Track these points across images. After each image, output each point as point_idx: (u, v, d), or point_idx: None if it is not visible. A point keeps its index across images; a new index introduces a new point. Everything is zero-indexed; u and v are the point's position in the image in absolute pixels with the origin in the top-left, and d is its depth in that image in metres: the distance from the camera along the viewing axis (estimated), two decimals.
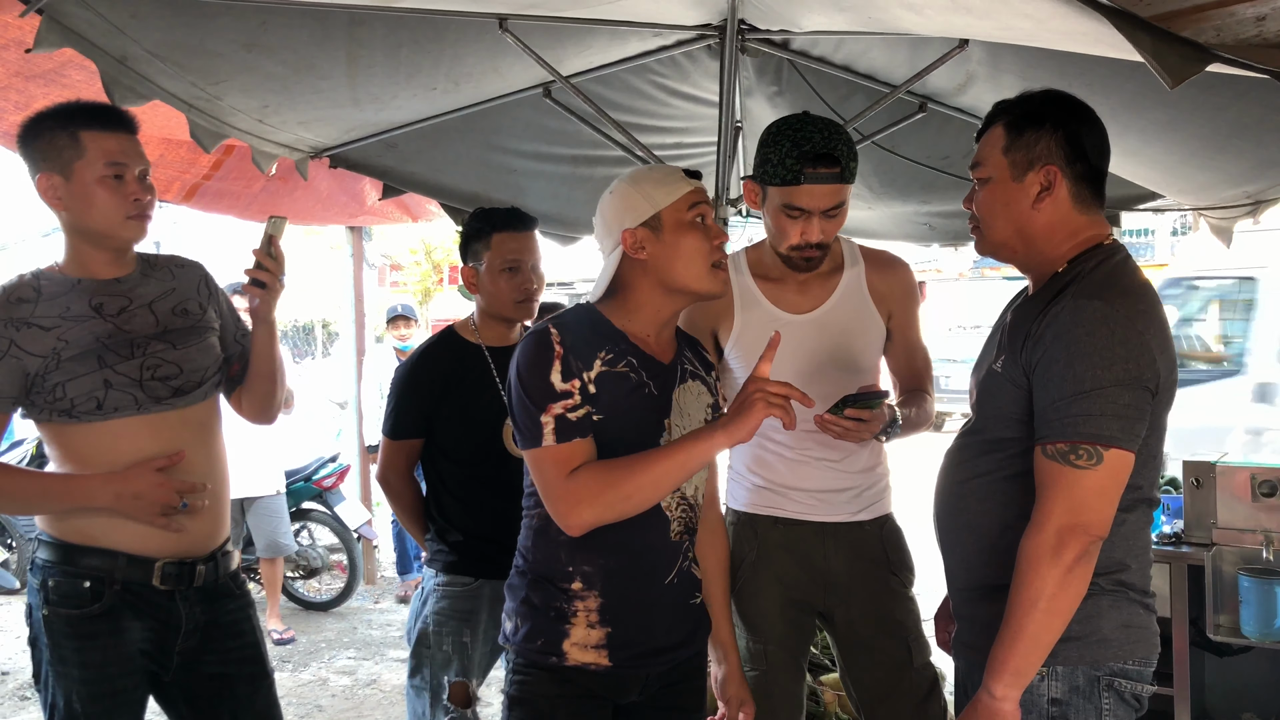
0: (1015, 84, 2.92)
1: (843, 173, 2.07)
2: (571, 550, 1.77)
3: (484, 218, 2.56)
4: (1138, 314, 1.62)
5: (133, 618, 1.99)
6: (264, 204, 4.31)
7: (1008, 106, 1.76)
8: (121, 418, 1.96)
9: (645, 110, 3.59)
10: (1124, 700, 1.69)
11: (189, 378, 2.05)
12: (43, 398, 1.94)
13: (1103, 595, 1.68)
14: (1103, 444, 1.56)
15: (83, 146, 1.94)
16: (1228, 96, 2.40)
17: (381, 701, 4.65)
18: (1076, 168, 1.69)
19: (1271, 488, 3.03)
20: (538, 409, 1.71)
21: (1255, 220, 3.43)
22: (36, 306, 1.95)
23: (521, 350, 1.78)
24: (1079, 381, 1.57)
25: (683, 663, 1.90)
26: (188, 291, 2.15)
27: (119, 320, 2.00)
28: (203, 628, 2.06)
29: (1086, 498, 1.57)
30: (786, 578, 2.25)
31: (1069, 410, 1.58)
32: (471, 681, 2.54)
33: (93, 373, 1.93)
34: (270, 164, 3.26)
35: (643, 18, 2.81)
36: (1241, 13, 1.58)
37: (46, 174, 1.96)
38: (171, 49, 2.44)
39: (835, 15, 2.56)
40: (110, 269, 2.05)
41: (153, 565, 1.99)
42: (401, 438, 2.56)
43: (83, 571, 1.96)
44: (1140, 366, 1.59)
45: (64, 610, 1.96)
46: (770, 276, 2.25)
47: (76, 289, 2.00)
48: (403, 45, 2.72)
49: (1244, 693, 3.40)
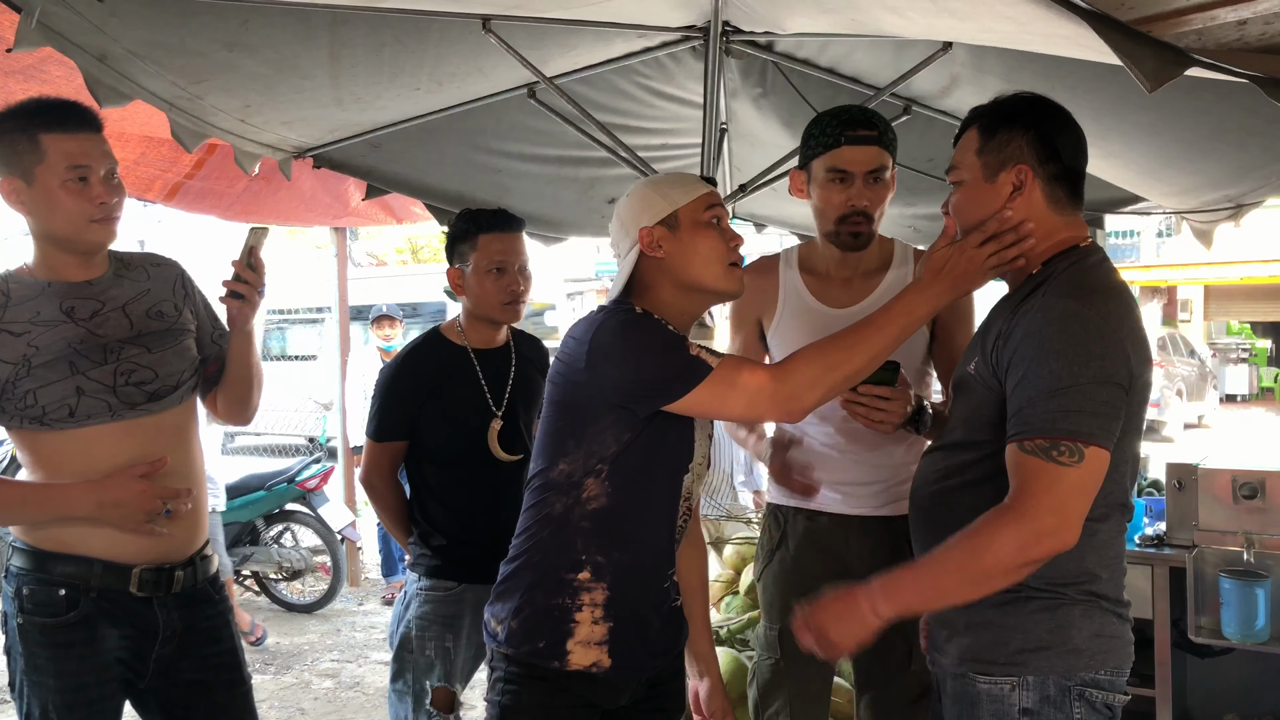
0: (999, 86, 2.92)
1: (880, 138, 2.16)
2: (586, 539, 1.77)
3: (470, 219, 2.55)
4: (1109, 313, 1.62)
5: (109, 625, 1.96)
6: (247, 204, 4.29)
7: (983, 111, 1.77)
8: (95, 424, 1.92)
9: (630, 111, 3.58)
10: (1095, 710, 1.68)
11: (164, 382, 2.01)
12: (13, 404, 1.89)
13: (1074, 605, 1.67)
14: (1083, 440, 1.55)
15: (43, 150, 1.88)
16: (1209, 100, 2.41)
17: (364, 705, 4.63)
18: (1049, 168, 1.70)
19: (1253, 490, 3.05)
20: (682, 352, 1.70)
21: (1236, 224, 3.45)
22: (5, 311, 1.90)
23: (622, 327, 1.74)
24: (1055, 378, 1.57)
25: (666, 664, 1.91)
26: (162, 293, 2.10)
27: (91, 324, 1.96)
28: (180, 634, 2.04)
29: (1069, 497, 1.55)
30: (807, 569, 2.28)
31: (1046, 407, 1.57)
32: (454, 686, 2.53)
33: (64, 379, 1.89)
34: (253, 164, 3.24)
35: (627, 19, 2.80)
36: (1222, 16, 1.58)
37: (8, 178, 1.91)
38: (151, 48, 2.42)
39: (819, 17, 2.56)
40: (81, 271, 2.00)
41: (130, 572, 1.96)
42: (385, 440, 2.55)
43: (57, 579, 1.92)
44: (1114, 364, 1.59)
45: (38, 619, 1.92)
46: (816, 271, 2.32)
47: (46, 292, 1.95)
48: (386, 45, 2.71)
49: (1225, 694, 3.42)
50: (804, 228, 4.94)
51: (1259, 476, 3.06)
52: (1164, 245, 20.65)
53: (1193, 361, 17.29)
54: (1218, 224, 3.52)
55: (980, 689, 1.70)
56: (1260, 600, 2.93)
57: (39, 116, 1.90)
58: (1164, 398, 14.93)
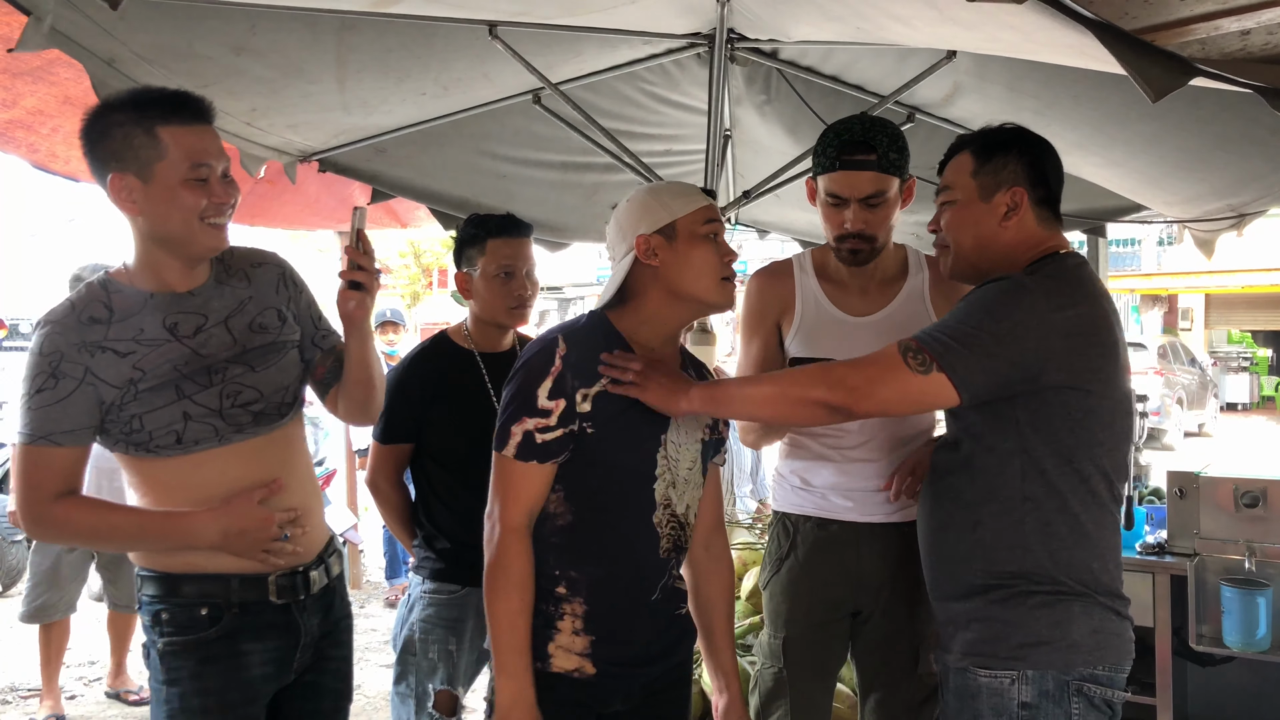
0: (1003, 95, 2.94)
1: (880, 161, 2.11)
2: (559, 555, 1.78)
3: (479, 224, 2.56)
4: (1064, 303, 1.72)
5: (252, 640, 1.86)
6: (251, 206, 4.28)
7: (973, 137, 1.91)
8: (202, 450, 1.81)
9: (634, 117, 3.60)
10: (1094, 706, 1.72)
11: (270, 401, 1.89)
12: (118, 428, 1.77)
13: (1073, 600, 1.72)
14: (939, 362, 1.68)
15: (163, 145, 1.72)
16: (1212, 110, 2.42)
17: (365, 707, 4.62)
18: (1038, 191, 1.84)
19: (1254, 498, 3.05)
20: (513, 418, 1.75)
21: (1239, 233, 3.45)
22: (110, 328, 1.76)
23: (527, 353, 1.81)
24: (962, 318, 1.72)
25: (666, 672, 1.90)
26: (265, 299, 1.95)
27: (195, 343, 1.82)
28: (317, 639, 1.97)
29: (887, 385, 1.71)
30: (817, 576, 2.27)
31: (938, 328, 1.73)
32: (457, 690, 2.53)
33: (171, 404, 1.77)
34: (259, 167, 3.25)
35: (632, 26, 2.81)
36: (1226, 26, 1.59)
37: (120, 174, 1.73)
38: (159, 51, 2.43)
39: (824, 25, 2.57)
40: (185, 279, 1.85)
41: (266, 581, 1.87)
42: (391, 442, 2.56)
43: (196, 600, 1.82)
44: (1025, 338, 1.69)
45: (180, 639, 1.82)
46: (833, 278, 2.31)
47: (150, 305, 1.80)
48: (392, 50, 2.72)
49: (1226, 703, 3.42)
50: (807, 234, 4.95)
51: (1260, 485, 3.06)
52: (1165, 254, 20.65)
53: (1193, 370, 17.29)
54: (1220, 233, 3.53)
55: (981, 682, 1.75)
56: (1261, 609, 2.93)
57: (156, 108, 1.74)
58: (1165, 406, 14.93)
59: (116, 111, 1.74)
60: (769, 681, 2.32)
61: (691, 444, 1.88)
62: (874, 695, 2.29)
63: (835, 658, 2.33)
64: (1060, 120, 2.85)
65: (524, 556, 1.75)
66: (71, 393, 1.72)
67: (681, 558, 1.91)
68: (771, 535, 2.38)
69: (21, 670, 5.01)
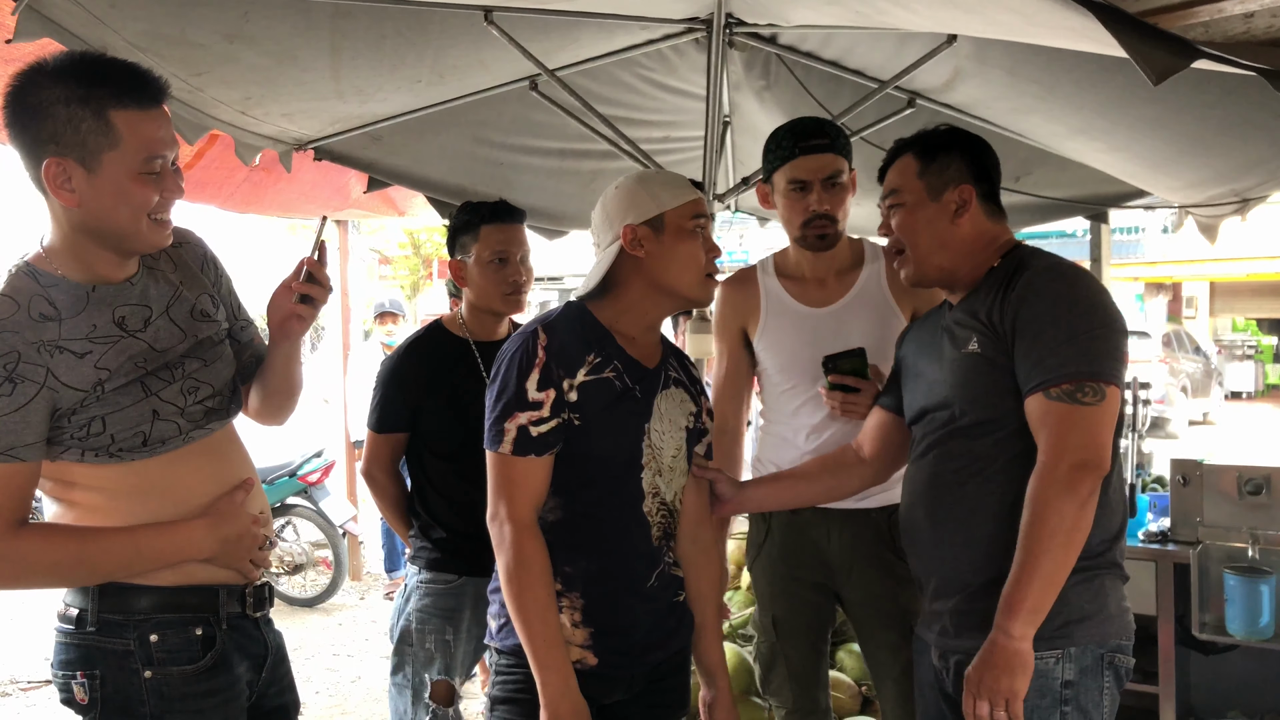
0: (1003, 79, 2.91)
1: (833, 145, 2.29)
2: (552, 551, 1.77)
3: (471, 210, 2.55)
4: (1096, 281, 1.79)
5: (241, 658, 1.73)
6: (246, 194, 4.28)
7: (913, 140, 1.94)
8: (168, 451, 1.64)
9: (632, 104, 3.57)
10: (1119, 678, 1.77)
11: (221, 395, 1.74)
12: (69, 435, 1.56)
13: (1105, 574, 1.76)
14: (1104, 380, 1.67)
15: (116, 133, 1.50)
16: (1216, 94, 2.40)
17: (365, 699, 4.63)
18: (983, 186, 1.90)
19: (1258, 486, 3.04)
20: (505, 414, 1.74)
21: (1242, 218, 3.43)
22: (61, 325, 1.55)
23: (507, 348, 1.80)
24: (1071, 327, 1.69)
25: (667, 659, 1.90)
26: (196, 283, 1.77)
27: (148, 337, 1.64)
28: (273, 653, 1.83)
29: (1095, 433, 1.66)
30: (790, 558, 2.41)
31: (1066, 353, 1.68)
32: (454, 679, 2.52)
33: (139, 403, 1.59)
34: (253, 156, 3.23)
35: (629, 11, 2.78)
36: (1229, 9, 1.57)
37: (59, 160, 1.50)
38: (152, 39, 2.41)
39: (823, 9, 2.54)
40: (119, 269, 1.64)
41: (244, 592, 1.74)
42: (386, 431, 2.54)
43: (188, 617, 1.65)
44: (1117, 315, 1.74)
45: (175, 668, 1.62)
46: (792, 275, 2.42)
47: (93, 298, 1.59)
48: (387, 37, 2.69)
49: (1229, 691, 3.41)
50: None
51: (1264, 473, 3.05)
52: (1169, 241, 20.58)
53: (1198, 358, 17.25)
54: (1223, 218, 3.50)
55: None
56: (1265, 597, 2.92)
57: (106, 87, 1.49)
58: (1169, 394, 14.90)
59: (58, 85, 1.48)
60: (766, 652, 2.50)
61: (675, 432, 1.88)
62: (892, 675, 2.35)
63: (823, 620, 2.48)
64: (1062, 105, 2.82)
65: (541, 550, 1.74)
66: (32, 398, 1.50)
67: (672, 544, 1.91)
68: (751, 521, 2.51)
69: (23, 662, 5.03)
